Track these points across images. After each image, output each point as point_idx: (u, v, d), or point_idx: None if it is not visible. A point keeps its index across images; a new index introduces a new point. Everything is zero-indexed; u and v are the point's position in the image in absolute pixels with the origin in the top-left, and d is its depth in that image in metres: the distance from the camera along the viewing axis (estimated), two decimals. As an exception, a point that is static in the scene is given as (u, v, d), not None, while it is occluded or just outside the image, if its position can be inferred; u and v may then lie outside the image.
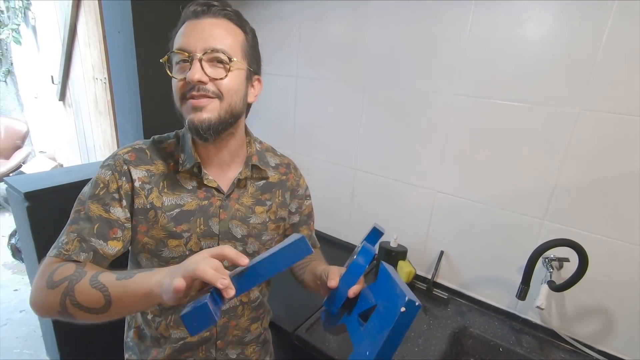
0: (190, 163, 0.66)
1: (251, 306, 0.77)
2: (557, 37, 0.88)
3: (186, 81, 0.59)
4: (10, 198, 1.38)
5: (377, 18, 1.15)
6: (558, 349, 0.99)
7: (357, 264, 0.57)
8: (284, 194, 0.78)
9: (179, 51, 0.60)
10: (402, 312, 0.46)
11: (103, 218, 0.61)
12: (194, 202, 0.67)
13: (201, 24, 0.60)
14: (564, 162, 0.93)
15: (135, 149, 0.66)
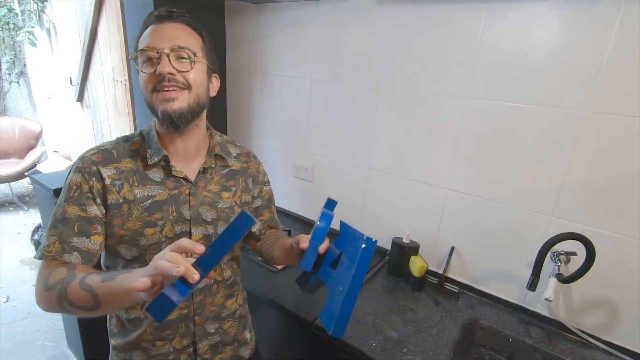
0: (158, 156, 0.71)
1: (225, 284, 0.83)
2: (564, 42, 0.93)
3: (156, 74, 0.66)
4: (37, 195, 1.45)
5: (392, 22, 1.20)
6: (565, 340, 1.04)
7: (320, 227, 0.67)
8: (247, 180, 0.86)
9: (148, 48, 0.66)
10: (363, 248, 0.58)
11: (81, 217, 0.67)
12: (165, 192, 0.72)
13: (165, 27, 0.68)
14: (571, 161, 0.97)
15: (101, 150, 0.71)
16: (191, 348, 0.80)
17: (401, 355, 0.93)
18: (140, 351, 0.78)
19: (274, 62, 1.54)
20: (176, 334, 0.78)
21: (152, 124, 0.75)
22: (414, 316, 1.09)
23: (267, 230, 0.95)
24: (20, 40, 3.54)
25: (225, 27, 1.67)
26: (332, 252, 0.67)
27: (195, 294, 0.77)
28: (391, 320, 1.06)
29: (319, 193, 1.55)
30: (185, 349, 0.80)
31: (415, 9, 1.14)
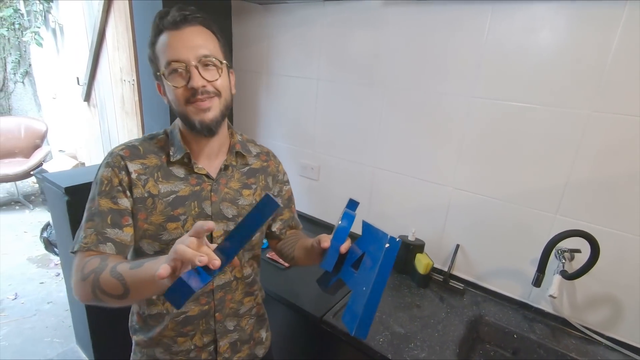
0: (181, 153, 0.74)
1: (244, 282, 0.85)
2: (569, 42, 0.95)
3: (187, 88, 0.67)
4: (47, 193, 1.47)
5: (398, 23, 1.21)
6: (569, 336, 1.05)
7: (342, 227, 0.67)
8: (267, 178, 0.87)
9: (175, 62, 0.67)
10: (387, 248, 0.57)
11: (113, 209, 0.70)
12: (187, 188, 0.75)
13: (184, 34, 0.67)
14: (575, 160, 0.99)
15: (128, 146, 0.74)
16: (212, 346, 0.82)
17: (408, 350, 0.94)
18: (162, 347, 0.80)
19: (281, 62, 1.56)
20: (197, 330, 0.80)
21: (176, 123, 0.78)
22: (420, 312, 1.10)
23: (288, 230, 0.96)
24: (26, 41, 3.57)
25: (232, 27, 1.69)
26: (354, 252, 0.66)
27: (216, 291, 0.79)
28: (397, 316, 1.08)
29: (325, 192, 1.57)
30: (206, 347, 0.81)
31: (421, 10, 1.15)
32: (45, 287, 2.32)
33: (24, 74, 4.20)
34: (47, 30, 3.49)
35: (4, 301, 2.17)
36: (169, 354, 0.80)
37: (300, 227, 1.00)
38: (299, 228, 0.99)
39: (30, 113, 4.34)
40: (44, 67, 3.82)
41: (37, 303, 2.16)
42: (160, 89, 0.75)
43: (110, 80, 1.99)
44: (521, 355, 1.06)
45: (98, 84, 2.14)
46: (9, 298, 2.19)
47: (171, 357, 0.80)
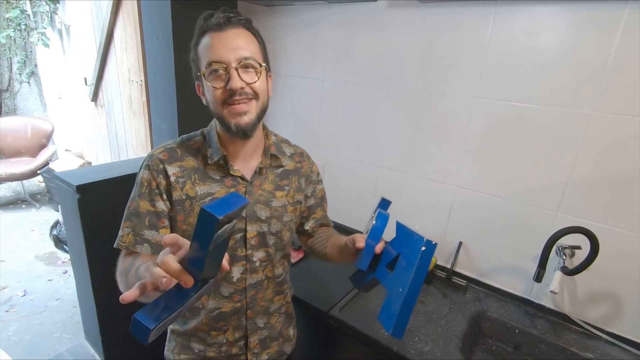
0: (218, 156, 0.75)
1: (275, 281, 0.87)
2: (570, 44, 0.97)
3: (226, 89, 0.68)
4: (58, 191, 1.50)
5: (402, 25, 1.24)
6: (570, 331, 1.08)
7: (377, 227, 0.69)
8: (300, 179, 0.88)
9: (216, 63, 0.68)
10: (423, 251, 0.57)
11: (151, 212, 0.73)
12: (223, 190, 0.76)
13: (226, 36, 0.68)
14: (577, 159, 1.01)
15: (167, 149, 0.76)
16: (242, 342, 0.85)
17: (412, 344, 0.97)
18: (197, 338, 0.84)
19: (286, 63, 1.58)
20: (229, 325, 0.83)
21: (213, 124, 0.79)
22: (424, 308, 1.13)
23: (319, 227, 0.98)
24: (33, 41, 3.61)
25: (238, 29, 1.72)
26: (388, 252, 0.68)
27: (248, 289, 0.82)
28: (402, 311, 1.10)
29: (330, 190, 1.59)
30: (237, 342, 0.85)
31: (425, 11, 1.18)
32: (53, 284, 2.36)
33: (29, 74, 4.24)
34: (53, 31, 3.52)
35: (13, 297, 2.21)
36: (203, 345, 0.84)
37: (332, 225, 1.01)
38: (330, 226, 1.01)
39: (36, 113, 4.38)
40: (50, 68, 3.86)
41: (46, 300, 2.20)
42: (200, 89, 0.76)
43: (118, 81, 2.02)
44: (523, 349, 1.09)
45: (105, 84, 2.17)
46: (18, 295, 2.23)
47: (205, 348, 0.84)
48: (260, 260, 0.82)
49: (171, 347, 0.88)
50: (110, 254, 1.44)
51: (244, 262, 0.80)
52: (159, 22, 1.49)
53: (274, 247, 0.83)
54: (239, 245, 0.79)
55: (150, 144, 1.92)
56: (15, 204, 3.51)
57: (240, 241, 0.79)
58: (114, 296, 1.46)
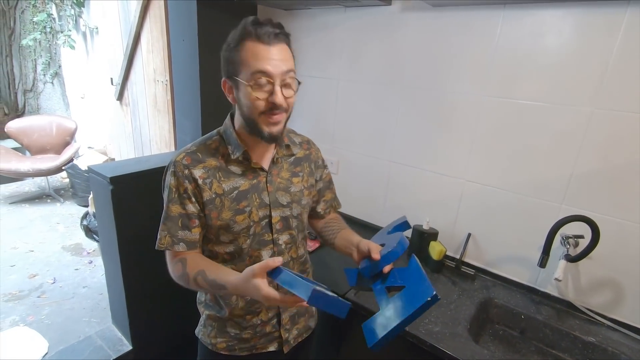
0: (240, 152, 0.81)
1: (299, 261, 0.96)
2: (574, 45, 1.03)
3: (268, 101, 0.74)
4: (93, 183, 1.61)
5: (414, 27, 1.31)
6: (574, 318, 1.13)
7: (396, 252, 0.78)
8: (310, 165, 0.97)
9: (263, 76, 0.72)
10: (427, 300, 0.67)
11: (182, 214, 0.81)
12: (246, 182, 0.84)
13: (274, 50, 0.73)
14: (580, 154, 1.07)
15: (188, 153, 0.82)
16: (275, 319, 0.93)
17: (423, 325, 1.04)
18: (233, 322, 0.91)
19: (303, 64, 1.67)
20: (262, 307, 0.91)
21: (228, 124, 0.85)
22: (434, 293, 1.20)
23: (331, 210, 1.07)
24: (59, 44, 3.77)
25: (258, 31, 1.81)
26: (394, 276, 0.78)
27: None
28: (413, 296, 1.17)
29: (344, 185, 1.67)
30: (270, 321, 0.93)
31: (437, 15, 1.25)
32: (80, 273, 2.49)
33: (53, 75, 4.42)
34: (77, 34, 3.68)
35: (44, 284, 2.34)
36: (239, 328, 0.91)
37: (340, 207, 1.11)
38: (339, 207, 1.10)
39: (58, 112, 4.57)
40: (74, 69, 4.03)
41: (74, 287, 2.33)
42: (226, 85, 0.80)
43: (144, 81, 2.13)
44: (528, 334, 1.15)
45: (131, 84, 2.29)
46: (49, 282, 2.37)
47: (240, 331, 0.91)
48: (285, 242, 0.90)
49: (207, 332, 0.94)
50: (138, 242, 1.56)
51: (271, 246, 0.88)
52: (185, 25, 1.59)
53: (296, 229, 0.92)
54: (265, 231, 0.87)
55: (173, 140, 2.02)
56: (41, 198, 3.68)
57: (266, 227, 0.87)
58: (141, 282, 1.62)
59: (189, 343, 1.08)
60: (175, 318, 1.75)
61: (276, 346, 0.95)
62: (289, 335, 0.96)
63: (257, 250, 0.87)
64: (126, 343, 1.76)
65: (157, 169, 1.57)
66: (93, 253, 2.73)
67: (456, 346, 0.96)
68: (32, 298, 2.20)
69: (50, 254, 2.70)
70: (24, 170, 3.37)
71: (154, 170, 1.56)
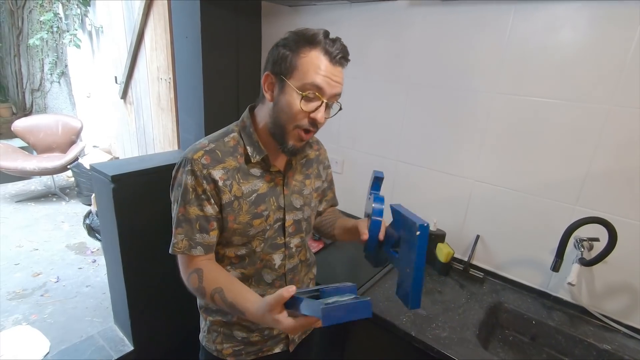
0: (261, 156, 0.78)
1: (306, 264, 0.95)
2: (590, 40, 0.99)
3: (310, 117, 0.71)
4: (94, 181, 1.60)
5: (423, 23, 1.27)
6: (587, 324, 1.09)
7: (376, 221, 0.76)
8: (319, 166, 0.95)
9: (318, 92, 0.69)
10: (418, 235, 0.65)
11: (200, 216, 0.76)
12: (265, 185, 0.81)
13: (335, 71, 0.70)
14: (595, 153, 1.03)
15: (207, 151, 0.76)
16: None
17: (430, 329, 1.01)
18: (240, 327, 0.88)
19: (308, 61, 1.64)
20: None
21: (248, 123, 0.80)
22: (441, 297, 1.16)
23: (329, 207, 1.06)
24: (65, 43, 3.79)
25: (262, 28, 1.78)
26: (391, 236, 0.76)
27: (287, 274, 0.88)
28: (420, 299, 1.14)
29: (349, 184, 1.64)
30: None
31: (446, 10, 1.21)
32: (83, 272, 2.49)
33: (60, 75, 4.45)
34: (83, 33, 3.69)
35: (47, 283, 2.34)
36: (246, 332, 0.88)
37: (337, 204, 1.10)
38: (337, 205, 1.09)
39: (65, 111, 4.60)
40: (79, 68, 4.04)
41: (77, 286, 2.33)
42: (267, 81, 0.74)
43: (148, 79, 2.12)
44: (539, 340, 1.11)
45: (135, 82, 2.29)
46: (52, 281, 2.37)
47: (248, 335, 0.88)
48: (296, 246, 0.88)
49: (212, 338, 0.90)
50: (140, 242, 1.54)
51: (283, 249, 0.86)
52: (189, 22, 1.57)
53: (305, 231, 0.90)
54: (278, 234, 0.84)
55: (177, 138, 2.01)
56: (47, 197, 3.69)
57: (279, 230, 0.84)
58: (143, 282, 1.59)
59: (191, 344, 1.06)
60: (177, 319, 1.74)
61: (282, 347, 0.93)
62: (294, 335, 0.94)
63: (269, 254, 0.84)
64: (128, 343, 1.75)
65: (160, 168, 1.55)
66: (97, 252, 2.73)
67: (464, 352, 0.92)
68: (36, 297, 2.20)
69: (55, 252, 2.70)
70: (30, 169, 3.38)
71: (157, 169, 1.55)
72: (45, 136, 3.78)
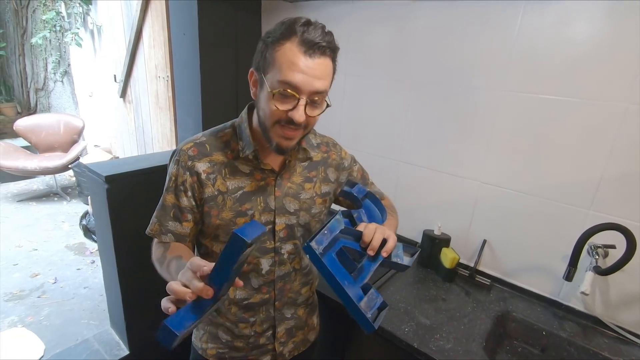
0: (250, 150, 0.74)
1: (302, 272, 0.87)
2: (605, 35, 0.93)
3: (287, 114, 0.65)
4: (89, 181, 1.56)
5: (427, 18, 1.22)
6: (602, 336, 1.03)
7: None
8: (326, 170, 0.87)
9: (290, 88, 0.63)
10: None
11: (176, 205, 0.75)
12: (253, 183, 0.76)
13: (312, 64, 0.63)
14: (611, 154, 0.97)
15: (196, 144, 0.76)
16: (270, 332, 0.86)
17: (434, 340, 0.95)
18: (225, 328, 0.85)
19: (309, 58, 1.59)
20: (257, 317, 0.84)
21: (244, 117, 0.77)
22: (446, 305, 1.11)
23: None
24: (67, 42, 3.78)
25: (262, 25, 1.74)
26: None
27: (277, 281, 0.82)
28: (423, 308, 1.08)
29: (350, 186, 1.59)
30: (264, 333, 0.86)
31: (451, 4, 1.15)
32: (82, 273, 2.46)
33: (63, 74, 4.44)
34: (85, 32, 3.67)
35: (45, 284, 2.31)
36: (231, 335, 0.85)
37: (385, 197, 1.00)
38: (384, 197, 1.00)
39: (68, 110, 4.59)
40: (82, 67, 4.03)
41: (75, 287, 2.30)
42: (252, 77, 0.71)
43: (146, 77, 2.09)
44: (550, 352, 1.05)
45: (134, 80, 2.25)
46: (50, 282, 2.34)
47: (233, 339, 0.85)
48: (288, 252, 0.82)
49: (199, 335, 0.89)
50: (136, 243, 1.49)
51: (272, 255, 0.81)
52: (186, 18, 1.53)
53: (301, 238, 0.84)
54: (267, 238, 0.80)
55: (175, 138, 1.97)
56: (48, 196, 3.68)
57: (269, 234, 0.79)
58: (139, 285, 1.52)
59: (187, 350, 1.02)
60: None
61: (269, 359, 0.88)
62: (283, 349, 0.89)
63: (256, 257, 0.80)
64: (123, 347, 1.71)
65: (156, 168, 1.51)
66: (96, 253, 2.70)
67: (471, 366, 0.87)
68: (33, 298, 2.17)
69: (54, 252, 2.68)
70: (31, 168, 3.37)
71: (153, 169, 1.50)
72: (47, 135, 3.77)
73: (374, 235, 0.66)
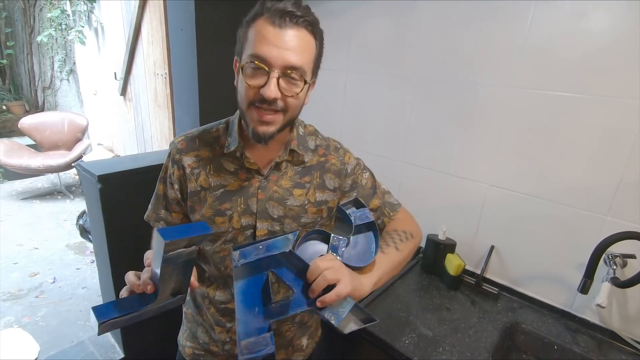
0: (234, 146, 0.71)
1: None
2: (622, 28, 0.86)
3: (259, 92, 0.61)
4: (83, 181, 1.53)
5: (432, 13, 1.16)
6: (619, 351, 0.95)
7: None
8: (323, 176, 0.78)
9: (259, 63, 0.60)
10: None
11: (166, 195, 0.79)
12: (236, 182, 0.72)
13: (283, 35, 0.59)
14: (631, 156, 0.89)
15: (187, 138, 0.76)
16: None
17: (436, 354, 0.89)
18: (203, 328, 0.84)
19: (309, 54, 1.53)
20: (234, 324, 0.79)
21: (237, 114, 0.74)
22: (450, 315, 1.04)
23: (385, 219, 0.86)
24: (71, 40, 3.78)
25: (262, 20, 1.69)
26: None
27: None
28: (425, 318, 1.02)
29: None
30: None
31: (459, -5, 1.09)
32: (81, 272, 2.44)
33: (69, 72, 4.46)
34: (89, 30, 3.67)
35: (44, 284, 2.30)
36: (208, 338, 0.84)
37: (399, 210, 0.88)
38: (398, 211, 0.88)
39: (74, 109, 4.61)
40: (86, 65, 4.03)
41: (73, 287, 2.28)
42: (237, 66, 0.67)
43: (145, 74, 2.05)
44: (562, 368, 0.98)
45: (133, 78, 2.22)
46: (48, 281, 2.32)
47: (209, 341, 0.84)
48: None
49: (182, 331, 0.90)
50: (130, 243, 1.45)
51: None
52: (183, 13, 1.49)
53: None
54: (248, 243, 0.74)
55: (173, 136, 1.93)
56: (52, 194, 3.68)
57: (249, 238, 0.74)
58: None
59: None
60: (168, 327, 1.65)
61: None
62: None
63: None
64: (118, 350, 1.68)
65: (151, 167, 1.47)
66: (96, 252, 2.68)
67: (476, 384, 0.80)
68: (30, 298, 2.15)
69: (54, 251, 2.66)
70: (35, 166, 3.37)
71: (148, 169, 1.46)
72: (51, 134, 3.78)
73: (319, 278, 0.58)
